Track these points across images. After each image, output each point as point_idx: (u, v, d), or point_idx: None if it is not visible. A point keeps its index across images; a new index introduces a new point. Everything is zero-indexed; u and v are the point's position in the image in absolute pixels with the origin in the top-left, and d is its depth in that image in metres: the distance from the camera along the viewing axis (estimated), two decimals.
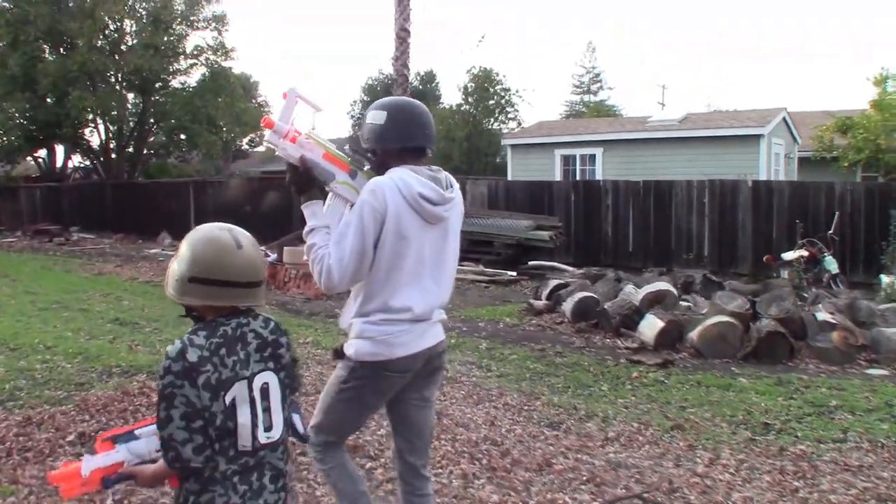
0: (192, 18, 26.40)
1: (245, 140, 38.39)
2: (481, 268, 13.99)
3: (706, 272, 10.90)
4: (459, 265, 3.25)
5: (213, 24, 26.66)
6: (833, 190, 13.05)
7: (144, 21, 25.34)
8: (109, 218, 24.70)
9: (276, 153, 2.79)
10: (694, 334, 7.81)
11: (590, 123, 20.80)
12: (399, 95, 19.02)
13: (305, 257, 2.75)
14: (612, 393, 6.43)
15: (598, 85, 46.43)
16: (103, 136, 27.19)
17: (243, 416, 2.07)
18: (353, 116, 30.36)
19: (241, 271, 2.13)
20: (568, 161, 18.88)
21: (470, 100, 28.37)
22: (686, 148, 17.08)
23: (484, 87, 27.45)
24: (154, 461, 2.13)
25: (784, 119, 18.61)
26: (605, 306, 8.71)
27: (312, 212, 2.74)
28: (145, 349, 7.68)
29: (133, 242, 22.25)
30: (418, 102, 2.94)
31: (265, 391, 2.14)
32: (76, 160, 31.78)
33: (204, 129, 26.08)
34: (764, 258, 12.10)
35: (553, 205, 15.86)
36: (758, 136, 16.60)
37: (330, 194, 2.81)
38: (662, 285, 8.93)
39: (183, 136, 27.69)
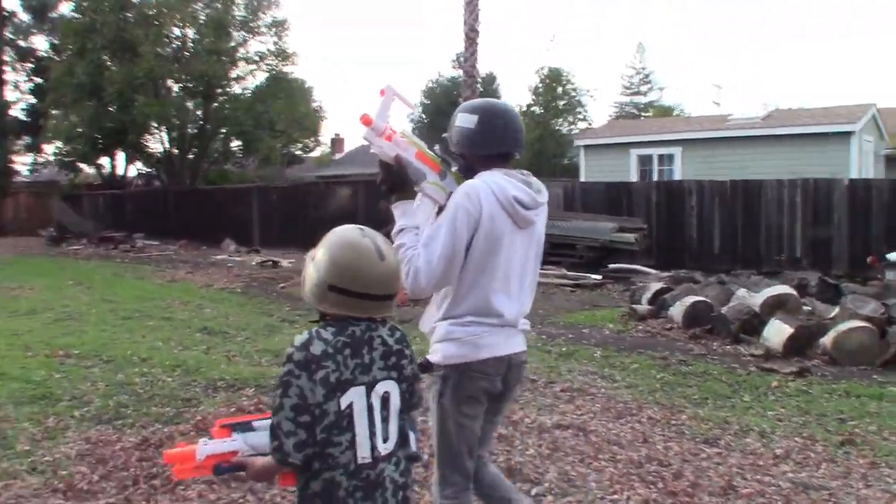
0: (252, 24, 26.45)
1: (299, 146, 38.50)
2: (563, 271, 13.54)
3: (821, 275, 10.29)
4: (541, 269, 3.14)
5: (274, 30, 26.68)
6: None
7: (206, 27, 25.41)
8: (172, 224, 24.81)
9: (371, 150, 2.69)
10: (827, 340, 7.28)
11: (666, 122, 20.22)
12: (471, 98, 18.82)
13: None
14: (758, 404, 5.96)
15: (648, 86, 45.47)
16: (166, 143, 27.37)
17: (360, 425, 2.02)
18: (413, 121, 30.13)
19: (381, 284, 2.06)
20: (645, 161, 18.33)
21: (540, 100, 27.80)
22: (770, 146, 16.40)
23: (553, 87, 26.89)
24: (266, 455, 2.06)
25: (874, 115, 17.80)
26: (722, 311, 8.21)
27: (403, 211, 2.67)
28: (244, 360, 7.41)
29: (197, 249, 22.25)
30: (509, 105, 2.85)
31: (385, 400, 2.08)
32: (137, 167, 32.12)
33: (266, 134, 26.07)
34: (868, 259, 11.44)
35: (633, 206, 15.34)
36: (848, 134, 15.86)
37: (419, 194, 2.73)
38: (783, 289, 8.39)
39: (240, 143, 27.77)
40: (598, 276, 13.30)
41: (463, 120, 2.72)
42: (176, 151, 27.66)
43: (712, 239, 14.58)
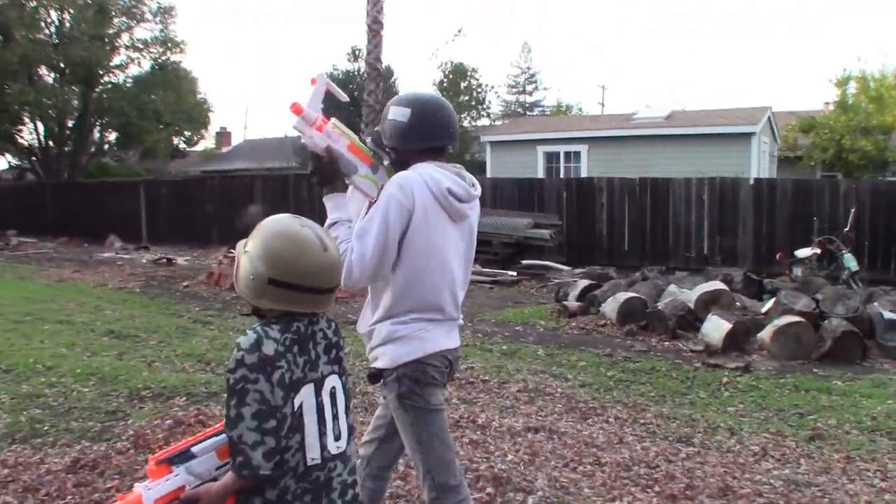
0: (135, 10, 24.95)
1: (181, 139, 36.73)
2: (478, 267, 13.37)
3: (745, 271, 10.54)
4: None
5: (160, 17, 25.29)
6: (837, 188, 12.95)
7: (86, 11, 23.75)
8: (50, 220, 23.13)
9: (301, 141, 2.60)
10: (765, 335, 7.38)
11: (573, 120, 20.43)
12: (373, 91, 18.50)
13: None
14: (715, 400, 5.93)
15: (534, 85, 45.63)
16: (42, 134, 25.45)
17: (311, 424, 1.93)
18: None
19: (325, 276, 1.97)
20: (551, 158, 18.41)
21: (445, 95, 27.22)
22: (674, 146, 16.83)
23: (456, 82, 26.50)
24: (216, 479, 1.92)
25: (769, 118, 18.61)
26: (658, 307, 8.21)
27: (336, 204, 2.60)
28: (166, 366, 6.78)
29: (79, 246, 20.79)
30: (442, 98, 2.82)
31: (333, 396, 2.01)
32: (7, 159, 29.76)
33: (153, 125, 24.66)
34: (777, 256, 11.84)
35: (544, 202, 15.35)
36: (749, 135, 16.46)
37: (350, 187, 2.67)
38: (716, 285, 8.49)
39: (118, 135, 26.16)
40: (514, 273, 13.21)
41: (396, 113, 2.65)
42: (52, 143, 25.74)
43: (622, 235, 14.78)
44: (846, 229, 11.59)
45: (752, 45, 77.39)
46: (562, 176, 17.64)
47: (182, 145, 39.16)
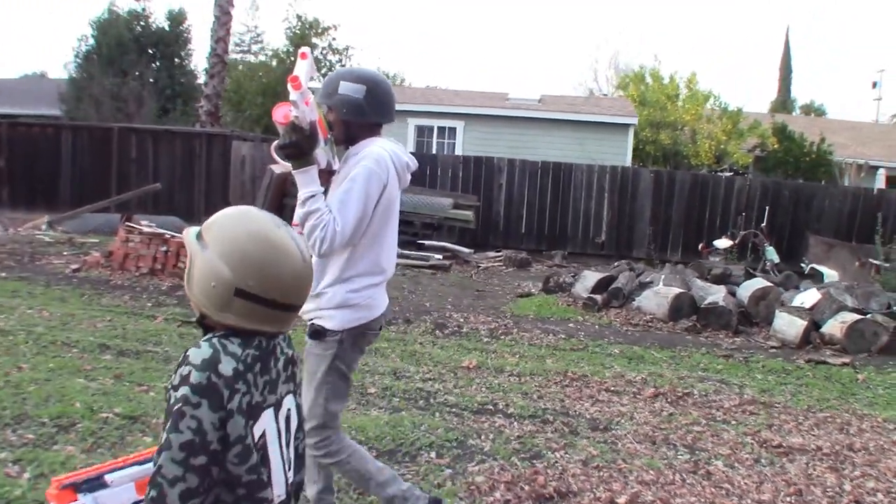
0: None
1: None
2: (401, 250, 12.44)
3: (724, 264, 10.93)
4: None
5: None
6: (732, 183, 14.06)
7: None
8: None
9: (293, 115, 2.56)
10: (833, 331, 7.72)
11: (444, 95, 19.61)
12: (225, 38, 16.56)
13: (297, 222, 2.65)
14: (886, 399, 6.02)
15: (260, 45, 42.72)
16: None
17: (275, 455, 1.67)
18: (77, 55, 24.53)
19: (302, 291, 1.70)
20: (423, 132, 17.56)
21: (291, 50, 24.18)
22: (549, 129, 16.95)
23: (306, 35, 23.79)
24: None
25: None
26: (718, 303, 8.21)
27: (312, 177, 2.66)
28: None
29: None
30: (384, 75, 3.06)
31: (288, 420, 1.75)
32: None
33: None
34: (699, 247, 12.55)
35: (436, 180, 14.69)
36: (628, 126, 17.15)
37: (317, 160, 2.74)
38: (762, 282, 8.71)
39: None
40: (440, 257, 12.50)
41: (349, 89, 2.77)
42: None
43: (521, 218, 14.67)
44: (762, 224, 12.61)
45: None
46: (434, 151, 17.00)
47: None
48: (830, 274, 11.30)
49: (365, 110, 2.77)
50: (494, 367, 6.20)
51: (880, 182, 20.64)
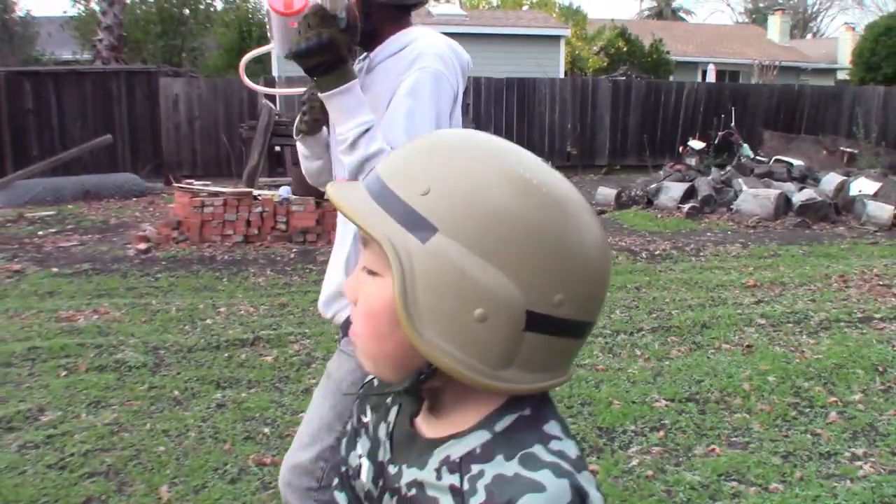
0: None
1: None
2: None
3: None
4: None
5: None
6: (682, 89, 15.23)
7: None
8: None
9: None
10: None
11: None
12: None
13: (345, 176, 1.77)
14: None
15: None
16: None
17: None
18: None
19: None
20: None
21: None
22: (480, 44, 16.84)
23: None
24: None
25: None
26: (817, 199, 9.30)
27: (358, 99, 1.66)
28: None
29: None
30: None
31: None
32: None
33: None
34: (679, 149, 13.63)
35: None
36: (559, 37, 17.48)
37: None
38: (839, 176, 9.98)
39: None
40: None
41: None
42: None
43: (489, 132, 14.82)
44: (732, 123, 13.94)
45: None
46: None
47: None
48: (798, 164, 12.91)
49: None
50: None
51: (710, 77, 22.95)
